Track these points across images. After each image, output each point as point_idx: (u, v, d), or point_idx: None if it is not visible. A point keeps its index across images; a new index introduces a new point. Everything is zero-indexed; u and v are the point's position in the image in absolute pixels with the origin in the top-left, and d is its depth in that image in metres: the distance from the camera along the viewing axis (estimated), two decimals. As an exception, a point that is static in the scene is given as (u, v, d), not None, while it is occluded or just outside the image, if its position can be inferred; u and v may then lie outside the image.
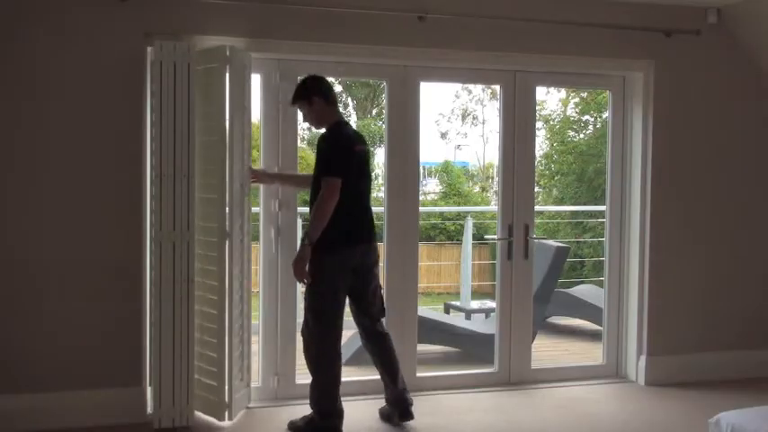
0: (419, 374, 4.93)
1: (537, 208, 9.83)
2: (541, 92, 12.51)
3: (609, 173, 5.35)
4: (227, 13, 4.32)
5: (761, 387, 5.01)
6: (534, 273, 5.27)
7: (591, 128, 12.38)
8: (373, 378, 4.89)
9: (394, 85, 4.83)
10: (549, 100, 13.54)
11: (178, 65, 4.06)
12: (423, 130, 4.94)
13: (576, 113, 12.56)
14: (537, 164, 7.31)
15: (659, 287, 5.15)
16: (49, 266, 4.18)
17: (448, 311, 7.40)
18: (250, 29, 4.37)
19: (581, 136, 12.55)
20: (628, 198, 5.27)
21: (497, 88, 5.48)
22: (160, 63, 4.04)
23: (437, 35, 4.64)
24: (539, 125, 11.15)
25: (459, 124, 16.66)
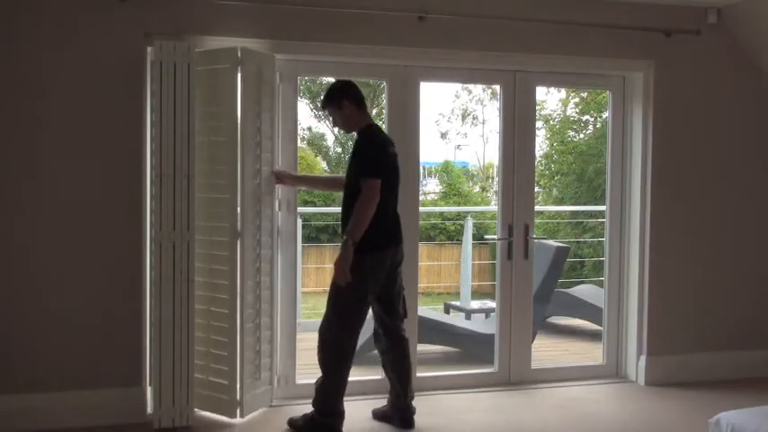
0: (419, 374, 4.92)
1: (537, 208, 9.84)
2: (541, 92, 12.53)
3: (609, 173, 5.35)
4: (226, 13, 4.32)
5: (761, 387, 5.01)
6: (534, 273, 5.27)
7: (591, 128, 12.40)
8: (373, 378, 4.89)
9: (394, 85, 4.83)
10: (549, 100, 13.58)
11: (178, 65, 4.06)
12: (423, 130, 4.94)
13: (576, 113, 12.57)
14: (537, 164, 7.32)
15: (659, 287, 5.15)
16: (48, 266, 4.18)
17: (448, 311, 7.40)
18: (250, 29, 4.37)
19: (581, 136, 12.56)
20: (628, 198, 5.27)
21: (497, 88, 5.48)
22: (160, 63, 4.04)
23: (437, 35, 4.64)
24: (539, 125, 11.17)
25: (459, 124, 16.67)
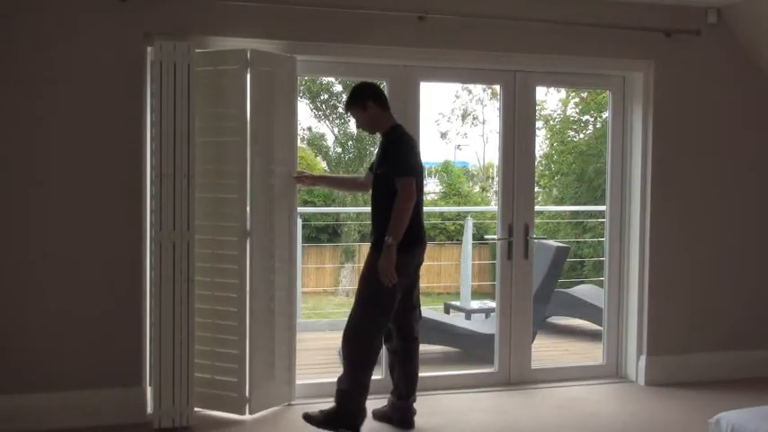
0: (419, 374, 4.92)
1: (537, 208, 9.83)
2: (541, 92, 12.51)
3: (609, 173, 5.35)
4: (226, 13, 4.32)
5: (760, 387, 5.01)
6: (534, 273, 5.27)
7: (591, 128, 12.39)
8: (373, 378, 4.89)
9: (394, 85, 4.82)
10: (549, 100, 13.55)
11: (178, 65, 4.06)
12: (423, 130, 4.94)
13: (576, 113, 12.56)
14: (537, 164, 7.32)
15: (659, 287, 5.15)
16: (49, 266, 4.18)
17: (448, 311, 7.40)
18: (250, 29, 4.37)
19: (581, 136, 12.56)
20: (628, 198, 5.27)
21: (497, 88, 5.48)
22: (160, 63, 4.05)
23: (437, 35, 4.64)
24: (539, 125, 11.16)
25: (459, 124, 16.64)
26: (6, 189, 4.12)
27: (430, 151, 16.04)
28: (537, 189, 11.76)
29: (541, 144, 12.61)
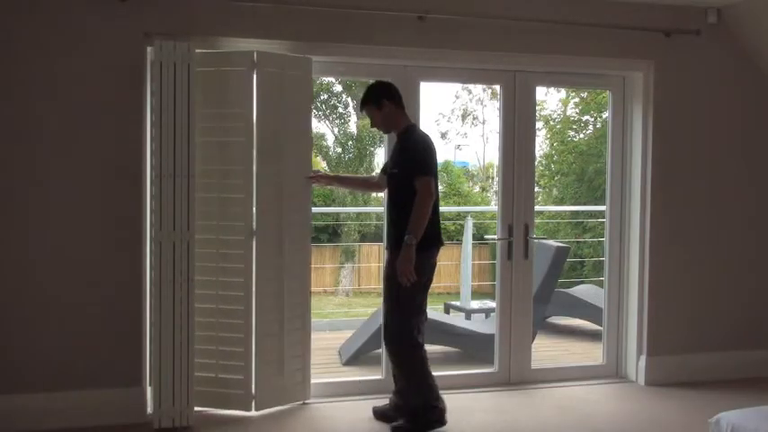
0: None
1: (537, 208, 9.85)
2: (541, 92, 12.52)
3: (609, 173, 5.35)
4: (225, 13, 4.32)
5: (760, 387, 5.01)
6: (534, 273, 5.27)
7: (591, 128, 12.39)
8: (373, 378, 4.90)
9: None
10: (549, 100, 13.55)
11: (178, 65, 4.07)
12: (423, 130, 4.92)
13: (576, 113, 12.57)
14: (537, 164, 7.30)
15: (659, 287, 5.15)
16: (48, 266, 4.18)
17: (448, 311, 7.40)
18: (250, 29, 4.37)
19: (581, 136, 12.56)
20: (628, 198, 5.27)
21: (497, 88, 5.48)
22: (160, 63, 4.05)
23: (437, 35, 4.64)
24: (539, 125, 11.18)
25: (459, 124, 16.64)
26: (6, 189, 4.12)
27: (430, 151, 16.00)
28: (537, 189, 11.77)
29: (541, 144, 12.63)
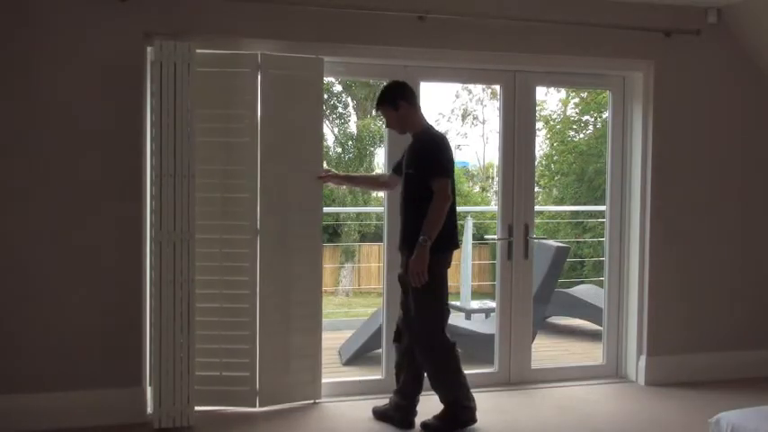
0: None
1: (537, 208, 9.83)
2: (541, 92, 12.51)
3: (609, 173, 5.35)
4: (225, 13, 4.32)
5: (760, 387, 5.01)
6: (534, 273, 5.27)
7: (591, 128, 12.39)
8: (373, 378, 4.90)
9: (394, 86, 4.82)
10: (549, 100, 13.53)
11: (178, 65, 4.07)
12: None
13: (576, 113, 12.56)
14: (537, 164, 7.31)
15: (659, 287, 5.15)
16: (49, 267, 4.18)
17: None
18: (251, 29, 4.38)
19: (581, 136, 12.56)
20: (628, 198, 5.27)
21: (497, 88, 5.48)
22: (160, 63, 4.05)
23: (437, 35, 4.64)
24: (539, 125, 11.16)
25: (459, 124, 16.64)
26: (6, 189, 4.12)
27: (430, 151, 15.98)
28: (537, 189, 11.76)
29: (541, 144, 12.62)
